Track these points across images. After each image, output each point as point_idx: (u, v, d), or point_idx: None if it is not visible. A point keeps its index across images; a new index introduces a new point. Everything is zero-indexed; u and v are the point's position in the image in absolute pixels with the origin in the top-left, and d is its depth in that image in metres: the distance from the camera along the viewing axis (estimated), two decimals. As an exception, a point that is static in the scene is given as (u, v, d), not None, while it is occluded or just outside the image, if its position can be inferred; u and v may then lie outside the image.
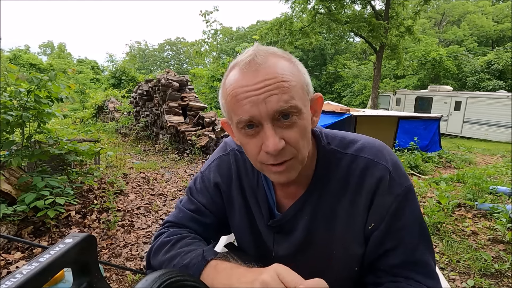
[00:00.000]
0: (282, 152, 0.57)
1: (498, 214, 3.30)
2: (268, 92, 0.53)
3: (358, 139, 0.69)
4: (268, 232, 0.73)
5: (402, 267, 0.64)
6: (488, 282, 2.30)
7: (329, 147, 0.68)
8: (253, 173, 0.74)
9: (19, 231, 2.66)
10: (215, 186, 0.78)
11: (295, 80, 0.56)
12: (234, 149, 0.79)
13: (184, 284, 0.48)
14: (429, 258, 0.65)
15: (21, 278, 0.33)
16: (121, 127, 10.06)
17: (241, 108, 0.55)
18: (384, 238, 0.64)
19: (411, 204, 0.64)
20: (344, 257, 0.68)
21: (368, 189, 0.64)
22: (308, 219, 0.68)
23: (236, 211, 0.78)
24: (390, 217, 0.63)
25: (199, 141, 6.63)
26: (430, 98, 14.29)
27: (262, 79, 0.54)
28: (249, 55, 0.57)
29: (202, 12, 18.68)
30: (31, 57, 26.31)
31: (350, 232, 0.66)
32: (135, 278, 2.27)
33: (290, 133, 0.56)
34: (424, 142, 7.46)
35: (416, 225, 0.64)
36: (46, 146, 3.23)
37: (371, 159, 0.65)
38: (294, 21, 14.88)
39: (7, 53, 24.55)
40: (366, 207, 0.64)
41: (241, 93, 0.55)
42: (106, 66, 29.45)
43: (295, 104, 0.55)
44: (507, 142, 11.16)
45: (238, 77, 0.56)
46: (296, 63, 0.60)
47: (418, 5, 14.38)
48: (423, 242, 0.65)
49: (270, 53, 0.58)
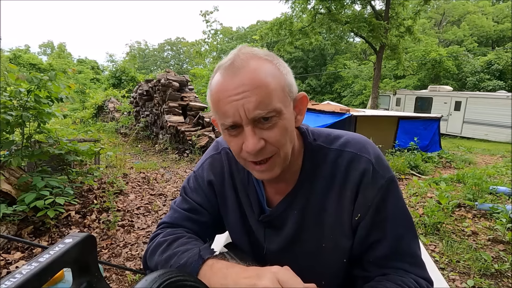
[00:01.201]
0: (262, 151, 0.59)
1: (498, 214, 3.30)
2: (246, 99, 0.55)
3: (343, 135, 0.72)
4: (259, 228, 0.75)
5: (389, 258, 0.65)
6: (488, 282, 2.30)
7: (315, 143, 0.70)
8: (244, 170, 0.76)
9: (19, 231, 2.65)
10: (209, 184, 0.79)
11: (275, 82, 0.57)
12: (225, 147, 0.80)
13: (184, 284, 0.48)
14: (415, 248, 0.66)
15: (20, 278, 0.33)
16: (121, 127, 10.06)
17: (223, 114, 0.58)
18: (370, 229, 0.66)
19: (394, 195, 0.66)
20: (333, 250, 0.70)
21: (353, 182, 0.66)
22: (298, 213, 0.70)
23: (230, 209, 0.79)
24: (374, 209, 0.65)
25: (199, 141, 6.63)
26: (430, 98, 14.28)
27: (240, 84, 0.55)
28: (230, 58, 0.59)
29: (202, 12, 18.69)
30: (31, 57, 26.29)
31: (338, 225, 0.68)
32: (135, 278, 2.27)
33: (270, 134, 0.58)
34: (424, 142, 7.46)
35: (400, 215, 0.66)
36: (46, 146, 3.23)
37: (355, 153, 0.67)
38: (294, 21, 14.87)
39: (7, 53, 24.54)
40: (352, 199, 0.66)
41: (222, 98, 0.57)
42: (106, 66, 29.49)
43: (274, 108, 0.56)
44: (507, 142, 11.16)
45: (219, 80, 0.58)
46: (278, 65, 0.60)
47: (418, 5, 14.37)
48: (407, 232, 0.66)
49: (251, 55, 0.59)
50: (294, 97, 0.63)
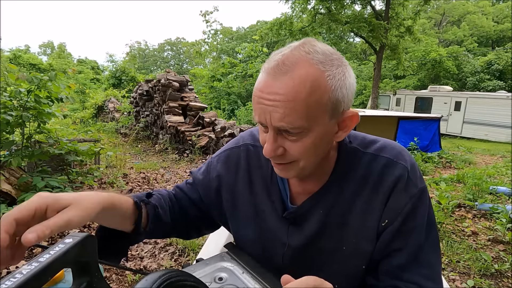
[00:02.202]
0: (279, 157, 0.59)
1: (498, 214, 3.30)
2: (274, 107, 0.53)
3: (378, 140, 0.71)
4: (281, 225, 0.73)
5: (404, 269, 0.63)
6: (488, 283, 2.30)
7: (350, 145, 0.69)
8: (267, 166, 0.74)
9: (19, 231, 2.66)
10: (217, 177, 0.79)
11: (314, 99, 0.53)
12: (247, 143, 0.79)
13: (184, 284, 0.48)
14: (434, 261, 0.65)
15: (20, 278, 0.33)
16: (121, 127, 10.06)
17: (255, 111, 0.58)
18: (394, 236, 0.64)
19: (424, 206, 0.65)
20: (352, 254, 0.69)
21: (386, 186, 0.65)
22: (323, 212, 0.69)
23: (241, 204, 0.77)
24: (404, 217, 0.64)
25: (199, 141, 6.63)
26: (430, 98, 14.29)
27: (274, 91, 0.53)
28: (277, 59, 0.54)
29: (202, 12, 18.74)
30: (31, 57, 26.31)
31: (362, 228, 0.67)
32: (135, 278, 2.27)
33: (292, 145, 0.57)
34: (424, 142, 7.46)
35: (427, 227, 0.65)
36: (46, 146, 3.23)
37: (391, 159, 0.66)
38: (294, 21, 14.88)
39: (7, 53, 24.55)
40: (382, 204, 0.65)
41: (257, 96, 0.56)
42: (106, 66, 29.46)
43: (300, 125, 0.54)
44: (507, 142, 11.16)
45: (261, 78, 0.57)
46: (329, 77, 0.54)
47: (418, 6, 14.39)
48: (430, 245, 0.65)
49: (304, 60, 0.53)
50: (341, 112, 0.58)
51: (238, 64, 14.54)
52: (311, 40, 0.57)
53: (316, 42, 0.57)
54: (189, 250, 2.66)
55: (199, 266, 0.74)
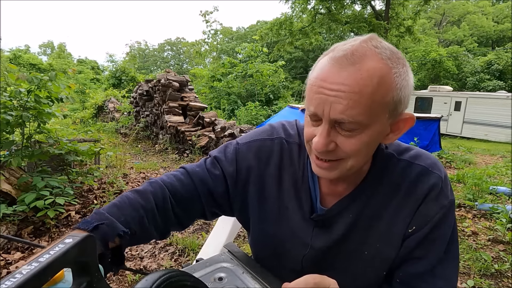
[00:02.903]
0: (329, 153, 0.57)
1: (498, 214, 3.30)
2: (337, 98, 0.51)
3: (413, 148, 0.70)
4: (306, 226, 0.71)
5: (420, 278, 0.63)
6: (488, 283, 2.30)
7: (386, 151, 0.68)
8: (299, 164, 0.72)
9: (19, 231, 2.66)
10: (247, 168, 0.74)
11: (379, 95, 0.51)
12: (281, 137, 0.75)
13: (184, 284, 0.48)
14: (452, 274, 0.64)
15: (20, 278, 0.33)
16: (121, 127, 10.06)
17: (311, 101, 0.55)
18: (418, 244, 0.64)
19: (451, 219, 0.65)
20: (374, 259, 0.68)
21: (419, 194, 0.64)
22: (352, 217, 0.67)
23: (266, 201, 0.75)
24: (431, 226, 0.63)
25: (199, 141, 6.63)
26: (430, 98, 14.28)
27: (340, 81, 0.51)
28: (346, 48, 0.52)
29: (202, 12, 18.73)
30: (31, 57, 26.32)
31: (389, 234, 0.66)
32: (135, 278, 2.27)
33: (344, 141, 0.55)
34: (424, 143, 7.46)
35: (450, 240, 0.65)
36: (46, 146, 3.23)
37: (426, 168, 0.65)
38: (294, 21, 14.89)
39: (7, 53, 24.55)
40: (412, 210, 0.64)
41: (317, 86, 0.54)
42: (106, 66, 29.45)
43: (360, 120, 0.52)
44: (507, 143, 11.15)
45: (324, 67, 0.54)
46: (395, 75, 0.53)
47: (418, 6, 14.40)
48: (450, 258, 0.65)
49: (373, 53, 0.52)
50: (398, 114, 0.57)
51: (238, 64, 14.53)
52: (376, 36, 0.56)
53: (381, 39, 0.56)
54: (189, 250, 2.66)
55: (199, 266, 0.74)
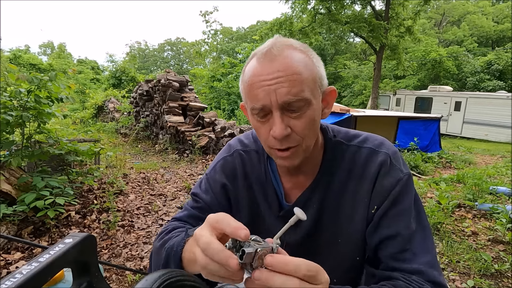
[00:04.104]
0: (287, 139, 0.60)
1: (498, 214, 3.30)
2: (279, 84, 0.57)
3: (361, 133, 0.75)
4: (278, 223, 0.75)
5: (399, 258, 0.63)
6: (488, 283, 2.30)
7: (334, 139, 0.73)
8: (260, 168, 0.77)
9: (19, 231, 2.65)
10: (222, 187, 0.79)
11: (308, 72, 0.59)
12: (238, 149, 0.81)
13: (184, 284, 0.48)
14: (430, 247, 0.64)
15: (21, 278, 0.33)
16: (121, 127, 10.06)
17: (255, 97, 0.59)
18: (382, 220, 0.65)
19: (411, 192, 0.67)
20: (347, 246, 0.70)
21: (370, 174, 0.67)
22: (316, 207, 0.71)
23: (243, 210, 0.79)
24: (392, 200, 0.65)
25: (199, 141, 6.63)
26: (430, 99, 14.29)
27: (275, 70, 0.57)
28: (267, 46, 0.60)
29: (202, 12, 18.72)
30: (31, 57, 26.28)
31: (354, 219, 0.69)
32: (135, 278, 2.27)
33: (297, 123, 0.60)
34: (424, 143, 7.46)
35: (415, 213, 0.66)
36: (46, 146, 3.23)
37: (373, 149, 0.70)
38: (294, 22, 14.88)
39: (7, 53, 24.52)
40: (369, 191, 0.67)
41: (256, 82, 0.59)
42: (106, 66, 29.44)
43: (304, 97, 0.58)
44: (507, 143, 11.16)
45: (255, 66, 0.60)
46: (311, 56, 0.62)
47: (418, 6, 14.38)
48: (422, 230, 0.65)
49: (287, 45, 0.60)
50: (324, 89, 0.64)
51: (238, 64, 14.53)
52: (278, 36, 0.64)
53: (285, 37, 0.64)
54: (189, 250, 2.66)
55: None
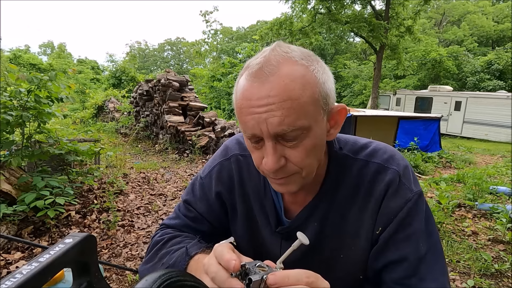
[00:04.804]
0: (282, 169, 0.54)
1: (498, 214, 3.30)
2: (270, 112, 0.49)
3: (370, 144, 0.68)
4: (274, 239, 0.71)
5: (404, 283, 0.59)
6: (488, 282, 2.30)
7: (341, 152, 0.66)
8: (259, 178, 0.71)
9: (19, 231, 2.66)
10: (217, 196, 0.74)
11: (307, 93, 0.50)
12: (236, 153, 0.75)
13: (184, 284, 0.48)
14: (439, 273, 0.59)
15: (21, 278, 0.33)
16: (121, 127, 10.06)
17: (245, 124, 0.53)
18: (388, 244, 0.61)
19: (422, 211, 0.61)
20: (350, 264, 0.66)
21: (377, 193, 0.62)
22: (317, 225, 0.66)
23: (238, 219, 0.75)
24: (398, 223, 0.60)
25: (199, 141, 6.63)
26: (430, 98, 14.29)
27: (266, 95, 0.49)
28: (259, 62, 0.51)
29: (202, 12, 18.76)
30: (31, 57, 26.28)
31: (358, 238, 0.64)
32: (135, 278, 2.27)
33: (293, 153, 0.53)
34: (424, 142, 7.46)
35: (426, 236, 0.60)
36: (46, 146, 3.23)
37: (382, 165, 0.63)
38: (294, 21, 14.87)
39: (7, 53, 24.53)
40: (375, 212, 0.62)
41: (245, 107, 0.51)
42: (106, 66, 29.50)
43: (301, 125, 0.50)
44: (507, 142, 11.16)
45: (244, 86, 0.52)
46: (315, 71, 0.52)
47: (418, 5, 14.38)
48: (432, 256, 0.60)
49: (285, 59, 0.51)
50: (330, 108, 0.56)
51: (238, 64, 14.55)
52: (282, 42, 0.56)
53: (287, 43, 0.56)
54: (189, 250, 2.66)
55: (199, 266, 0.74)
